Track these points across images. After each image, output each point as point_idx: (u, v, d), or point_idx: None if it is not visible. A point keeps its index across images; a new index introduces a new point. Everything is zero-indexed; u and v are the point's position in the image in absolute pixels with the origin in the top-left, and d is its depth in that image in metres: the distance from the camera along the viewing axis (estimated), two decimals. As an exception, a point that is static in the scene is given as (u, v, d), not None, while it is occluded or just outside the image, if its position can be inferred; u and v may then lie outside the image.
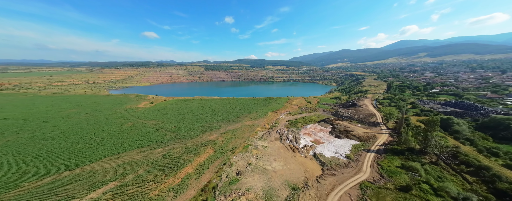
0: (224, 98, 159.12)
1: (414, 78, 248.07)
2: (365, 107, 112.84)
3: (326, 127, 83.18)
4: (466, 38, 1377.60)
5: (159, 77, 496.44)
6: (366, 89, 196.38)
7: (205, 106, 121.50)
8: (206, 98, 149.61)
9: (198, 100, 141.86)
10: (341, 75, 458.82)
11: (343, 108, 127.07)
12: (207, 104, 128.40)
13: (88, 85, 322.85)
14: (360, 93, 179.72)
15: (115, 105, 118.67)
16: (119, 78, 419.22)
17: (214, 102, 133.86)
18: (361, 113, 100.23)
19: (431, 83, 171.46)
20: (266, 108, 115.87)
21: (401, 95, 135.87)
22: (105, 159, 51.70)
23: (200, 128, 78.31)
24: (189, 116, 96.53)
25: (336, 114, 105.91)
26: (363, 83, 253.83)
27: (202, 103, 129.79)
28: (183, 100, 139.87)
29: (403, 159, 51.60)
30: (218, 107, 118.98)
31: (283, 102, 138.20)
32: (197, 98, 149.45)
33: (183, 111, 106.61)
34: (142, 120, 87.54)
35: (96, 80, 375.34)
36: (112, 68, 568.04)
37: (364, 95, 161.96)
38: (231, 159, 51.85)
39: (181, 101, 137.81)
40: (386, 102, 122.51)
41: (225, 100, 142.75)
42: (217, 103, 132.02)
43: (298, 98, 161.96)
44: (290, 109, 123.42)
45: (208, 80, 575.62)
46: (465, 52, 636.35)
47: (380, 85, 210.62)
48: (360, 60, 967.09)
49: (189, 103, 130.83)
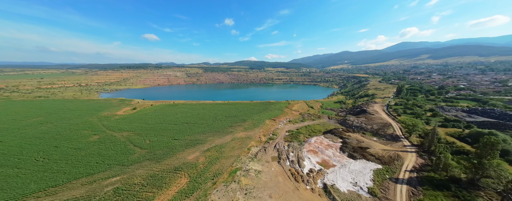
0: (218, 102, 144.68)
1: (421, 80, 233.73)
2: (377, 115, 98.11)
3: (335, 140, 68.35)
4: (467, 40, 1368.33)
5: (155, 80, 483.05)
6: (372, 92, 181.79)
7: (194, 112, 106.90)
8: (197, 103, 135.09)
9: (188, 105, 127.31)
10: (342, 78, 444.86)
11: (350, 114, 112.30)
12: (197, 109, 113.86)
13: (80, 88, 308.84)
14: (366, 97, 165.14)
15: (90, 111, 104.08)
16: (113, 81, 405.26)
17: (205, 107, 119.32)
18: (374, 122, 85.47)
19: (444, 87, 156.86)
20: (263, 115, 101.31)
21: (414, 100, 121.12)
22: (30, 198, 36.81)
23: (180, 142, 63.56)
24: (171, 125, 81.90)
25: (344, 123, 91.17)
26: (368, 86, 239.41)
27: (191, 109, 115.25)
28: (171, 105, 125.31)
29: (451, 197, 36.74)
30: (209, 113, 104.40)
31: (282, 107, 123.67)
32: (188, 103, 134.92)
33: (167, 118, 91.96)
34: (112, 132, 72.85)
35: (89, 82, 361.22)
36: (109, 70, 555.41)
37: (372, 100, 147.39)
38: (209, 197, 37.07)
39: (168, 106, 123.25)
40: (399, 108, 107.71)
41: (218, 105, 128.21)
42: (208, 108, 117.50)
43: (299, 102, 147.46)
44: (290, 116, 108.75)
45: (207, 82, 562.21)
46: (468, 54, 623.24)
47: (387, 88, 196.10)
48: (361, 62, 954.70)
49: (177, 108, 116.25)
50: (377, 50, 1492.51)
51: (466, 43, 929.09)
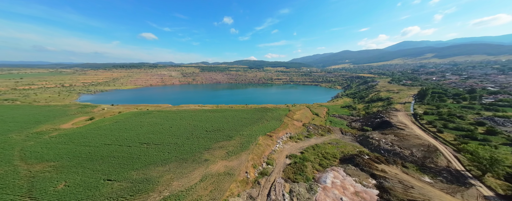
0: (204, 108, 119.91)
1: (438, 81, 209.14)
2: (408, 130, 73.24)
3: (364, 180, 43.56)
4: (470, 39, 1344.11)
5: (148, 80, 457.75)
6: (386, 96, 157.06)
7: (167, 124, 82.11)
8: (178, 110, 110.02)
9: (165, 113, 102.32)
10: (346, 78, 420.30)
11: (368, 126, 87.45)
12: (173, 119, 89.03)
13: (61, 89, 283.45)
14: (380, 102, 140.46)
15: (26, 123, 78.98)
16: (101, 81, 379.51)
17: (185, 116, 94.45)
18: (411, 143, 60.63)
19: (475, 90, 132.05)
20: (256, 128, 76.70)
21: (449, 109, 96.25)
22: None
23: (112, 187, 38.79)
24: (122, 148, 57.15)
25: (366, 142, 66.48)
26: (377, 87, 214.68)
27: (165, 118, 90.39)
28: (143, 113, 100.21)
29: None
30: (187, 125, 79.74)
31: (281, 115, 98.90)
32: (166, 110, 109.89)
33: (123, 136, 67.13)
34: (23, 162, 47.99)
35: (74, 83, 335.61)
36: (100, 69, 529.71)
37: (389, 105, 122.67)
38: None
39: (139, 114, 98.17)
40: (434, 119, 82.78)
41: (203, 112, 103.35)
42: (189, 117, 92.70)
43: (302, 108, 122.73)
44: (291, 128, 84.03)
45: (203, 82, 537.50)
46: (476, 53, 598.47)
47: (401, 90, 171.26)
48: (363, 61, 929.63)
49: (148, 118, 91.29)
50: (378, 50, 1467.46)
51: (471, 42, 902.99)
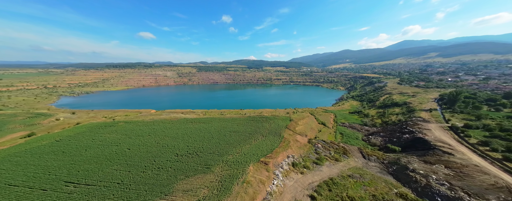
0: (188, 117, 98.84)
1: (455, 82, 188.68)
2: (459, 155, 52.13)
3: None
4: (472, 38, 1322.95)
5: (141, 80, 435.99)
6: (401, 100, 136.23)
7: (126, 143, 61.09)
8: (152, 120, 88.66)
9: (133, 124, 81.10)
10: (348, 78, 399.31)
11: (393, 141, 66.49)
12: (138, 135, 67.99)
13: (42, 90, 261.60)
14: (396, 108, 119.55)
15: None
16: (90, 81, 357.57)
17: (156, 130, 73.37)
18: (476, 182, 39.68)
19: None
20: (248, 148, 55.89)
21: (495, 121, 75.25)
22: None
23: None
24: (23, 197, 36.29)
25: (405, 176, 45.61)
26: (387, 89, 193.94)
27: (129, 134, 69.32)
28: (105, 126, 78.82)
29: None
30: (153, 145, 58.88)
31: (281, 126, 77.89)
32: (137, 120, 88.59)
33: (47, 168, 46.11)
34: None
35: (59, 84, 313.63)
36: (91, 69, 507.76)
37: (410, 112, 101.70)
38: None
39: (98, 127, 76.83)
40: (487, 137, 61.87)
41: (183, 124, 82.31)
42: (161, 131, 71.68)
43: (305, 116, 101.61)
44: (294, 148, 62.99)
45: (200, 83, 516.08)
46: (482, 52, 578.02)
47: (417, 93, 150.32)
48: (364, 61, 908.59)
49: (105, 133, 70.09)
50: (379, 49, 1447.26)
51: (473, 41, 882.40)
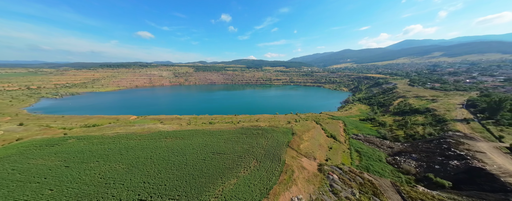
0: (166, 130, 79.96)
1: (476, 84, 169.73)
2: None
3: None
4: (474, 38, 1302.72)
5: (134, 80, 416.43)
6: (421, 106, 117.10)
7: (54, 179, 42.21)
8: (115, 135, 69.58)
9: (84, 142, 61.95)
10: (352, 78, 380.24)
11: (435, 169, 47.34)
12: (82, 162, 49.10)
13: (24, 91, 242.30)
14: (419, 116, 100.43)
15: None
16: (78, 82, 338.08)
17: (111, 153, 54.43)
18: None
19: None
20: (231, 188, 36.91)
21: None
22: None
23: None
24: None
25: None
26: (398, 91, 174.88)
27: (69, 159, 50.42)
28: (46, 145, 59.62)
29: None
30: (91, 180, 40.08)
31: (281, 144, 58.74)
32: (90, 136, 69.21)
33: None
34: None
35: (44, 84, 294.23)
36: (83, 69, 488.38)
37: (441, 124, 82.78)
38: None
39: (35, 148, 57.64)
40: None
41: (154, 141, 63.17)
42: (115, 156, 52.70)
43: (310, 127, 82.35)
44: (300, 185, 43.44)
45: (196, 83, 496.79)
46: (489, 51, 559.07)
47: (437, 97, 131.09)
48: (365, 60, 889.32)
49: (35, 161, 50.95)
50: (380, 48, 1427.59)
51: (476, 41, 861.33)
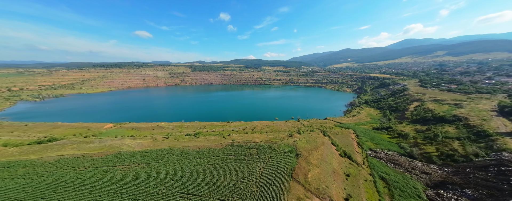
0: (132, 150, 62.68)
1: (499, 86, 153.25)
2: None
3: None
4: (475, 37, 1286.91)
5: (127, 81, 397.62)
6: (446, 112, 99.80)
7: None
8: (53, 161, 52.03)
9: (8, 172, 44.58)
10: (354, 78, 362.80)
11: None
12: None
13: (4, 94, 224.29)
14: (448, 126, 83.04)
15: None
16: (66, 83, 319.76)
17: (31, 193, 37.11)
18: None
19: None
20: None
21: None
22: None
23: None
24: None
25: None
26: (411, 94, 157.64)
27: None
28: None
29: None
30: None
31: (281, 172, 41.41)
32: (20, 162, 51.79)
33: None
34: None
35: (28, 86, 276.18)
36: (74, 69, 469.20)
37: (483, 139, 65.82)
38: None
39: None
40: None
41: (100, 174, 45.84)
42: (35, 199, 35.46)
43: (319, 145, 64.71)
44: None
45: (193, 83, 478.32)
46: (495, 50, 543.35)
47: (461, 101, 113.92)
48: (366, 60, 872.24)
49: None
50: (381, 48, 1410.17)
51: (478, 39, 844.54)
